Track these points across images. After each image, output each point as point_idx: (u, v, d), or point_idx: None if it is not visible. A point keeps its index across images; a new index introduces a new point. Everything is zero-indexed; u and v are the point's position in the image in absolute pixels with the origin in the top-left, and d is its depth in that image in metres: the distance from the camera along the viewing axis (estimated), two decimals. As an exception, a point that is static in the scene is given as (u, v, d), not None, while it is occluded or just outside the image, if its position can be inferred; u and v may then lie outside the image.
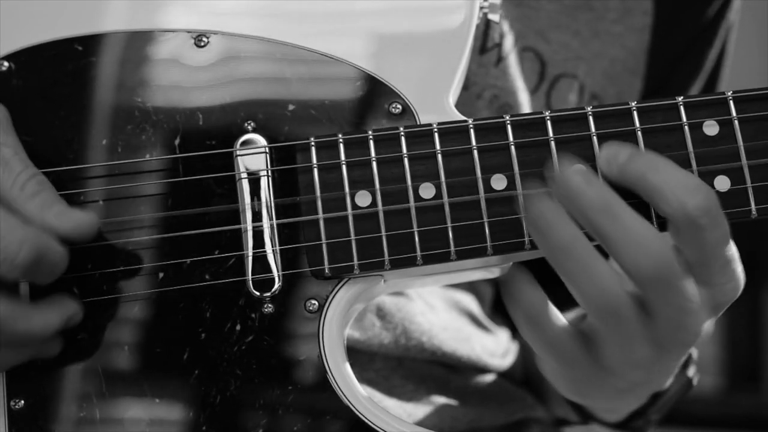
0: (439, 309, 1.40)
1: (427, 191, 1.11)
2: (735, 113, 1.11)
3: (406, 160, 1.12)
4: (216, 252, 1.12)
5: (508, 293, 1.06)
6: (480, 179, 1.11)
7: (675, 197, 1.05)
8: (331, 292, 1.12)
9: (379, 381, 1.35)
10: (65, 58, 1.15)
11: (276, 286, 1.12)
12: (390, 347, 1.34)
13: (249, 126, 1.14)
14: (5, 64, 1.15)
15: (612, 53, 1.45)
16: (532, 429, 1.49)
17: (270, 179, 1.12)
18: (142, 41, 1.16)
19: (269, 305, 1.12)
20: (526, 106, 1.41)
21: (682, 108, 1.12)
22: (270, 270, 1.12)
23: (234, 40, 1.16)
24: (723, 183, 1.11)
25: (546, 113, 1.12)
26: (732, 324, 4.28)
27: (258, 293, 1.12)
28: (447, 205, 1.11)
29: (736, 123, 1.11)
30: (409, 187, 1.11)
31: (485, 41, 1.39)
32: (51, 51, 1.15)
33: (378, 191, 1.11)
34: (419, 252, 1.11)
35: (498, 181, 1.11)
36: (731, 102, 1.12)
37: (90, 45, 1.16)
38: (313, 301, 1.12)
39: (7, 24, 1.16)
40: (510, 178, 1.11)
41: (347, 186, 1.11)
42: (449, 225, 1.11)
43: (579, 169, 1.05)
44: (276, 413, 1.11)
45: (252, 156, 1.13)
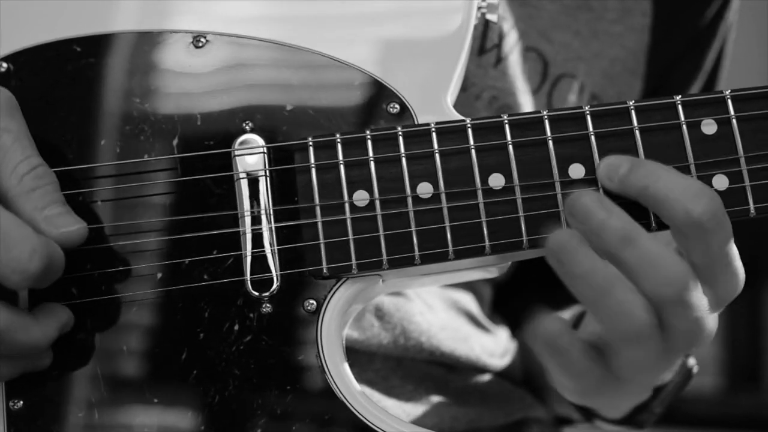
0: (438, 309, 1.40)
1: (425, 191, 1.11)
2: (733, 112, 1.11)
3: (404, 159, 1.12)
4: (214, 252, 1.12)
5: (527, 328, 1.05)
6: (478, 178, 1.11)
7: (680, 205, 1.04)
8: (330, 291, 1.12)
9: (378, 381, 1.35)
10: (64, 59, 1.16)
11: (274, 286, 1.12)
12: (389, 347, 1.34)
13: (247, 126, 1.14)
14: (4, 65, 1.15)
15: (612, 53, 1.45)
16: (531, 429, 1.49)
17: (268, 179, 1.12)
18: (141, 42, 1.16)
19: (268, 305, 1.12)
20: (525, 107, 1.41)
21: (680, 107, 1.12)
22: (268, 270, 1.12)
23: (232, 41, 1.16)
24: (721, 182, 1.11)
25: (544, 113, 1.12)
26: (732, 324, 4.28)
27: (256, 293, 1.12)
28: (445, 205, 1.11)
29: (734, 122, 1.11)
30: (407, 187, 1.11)
31: (484, 42, 1.39)
32: (50, 52, 1.16)
33: (376, 191, 1.11)
34: (417, 251, 1.11)
35: (496, 180, 1.11)
36: (729, 101, 1.12)
37: (89, 46, 1.16)
38: (312, 301, 1.12)
39: (7, 25, 1.16)
40: (508, 177, 1.11)
41: (345, 186, 1.11)
42: (447, 224, 1.11)
43: (596, 198, 1.04)
44: (274, 413, 1.11)
45: (250, 156, 1.13)
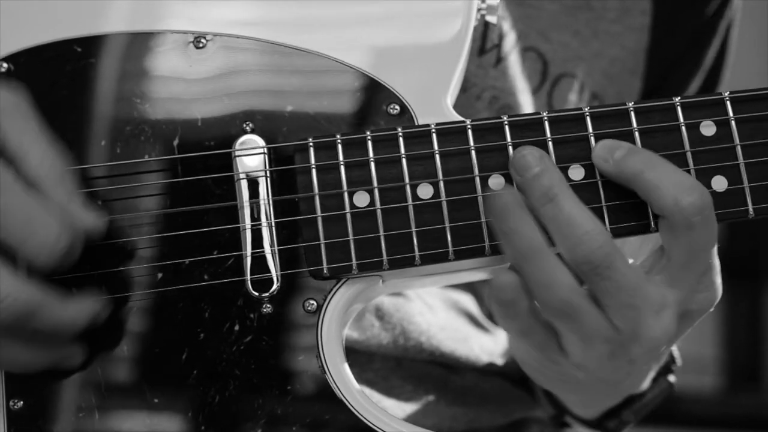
0: (438, 309, 1.41)
1: (425, 191, 1.11)
2: (732, 114, 1.12)
3: (404, 160, 1.12)
4: (215, 252, 1.12)
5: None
6: (478, 179, 1.11)
7: (670, 194, 1.06)
8: (330, 292, 1.12)
9: (378, 381, 1.35)
10: (64, 59, 1.16)
11: (275, 286, 1.12)
12: (389, 347, 1.35)
13: (247, 127, 1.14)
14: (4, 65, 1.15)
15: (611, 53, 1.46)
16: (531, 429, 1.49)
17: (268, 180, 1.12)
18: (141, 42, 1.16)
19: (268, 305, 1.12)
20: (526, 106, 1.41)
21: (679, 108, 1.12)
22: (269, 270, 1.12)
23: (233, 41, 1.16)
24: (720, 183, 1.11)
25: (543, 114, 1.12)
26: (732, 324, 4.28)
27: (257, 293, 1.12)
28: (445, 205, 1.11)
29: (733, 123, 1.11)
30: (407, 188, 1.11)
31: (484, 42, 1.39)
32: (50, 52, 1.16)
33: (376, 191, 1.12)
34: (417, 252, 1.11)
35: (496, 181, 1.11)
36: (728, 102, 1.12)
37: (89, 46, 1.16)
38: (312, 302, 1.12)
39: (7, 25, 1.16)
40: (508, 178, 1.11)
41: (345, 186, 1.12)
42: (447, 225, 1.11)
43: (537, 154, 1.08)
44: (275, 413, 1.11)
45: (250, 157, 1.13)
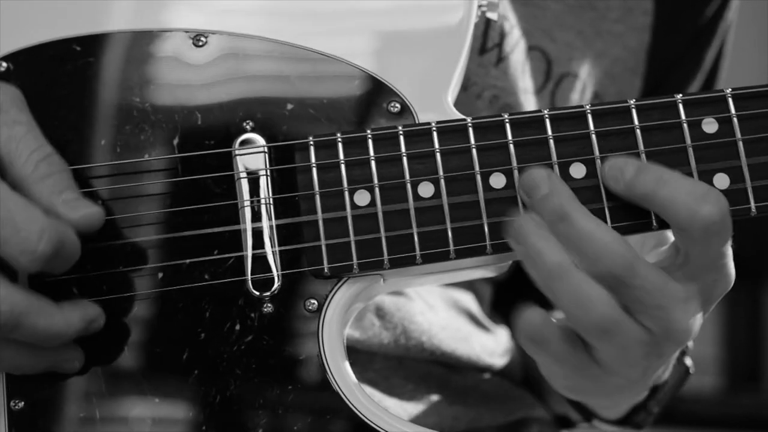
0: (439, 308, 1.40)
1: (426, 190, 1.11)
2: (734, 111, 1.11)
3: (404, 159, 1.12)
4: (215, 252, 1.12)
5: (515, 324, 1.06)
6: (479, 178, 1.11)
7: (686, 208, 1.05)
8: (331, 291, 1.12)
9: (379, 381, 1.35)
10: (64, 58, 1.15)
11: (275, 285, 1.12)
12: (390, 347, 1.34)
13: (248, 125, 1.14)
14: (4, 64, 1.15)
15: (613, 52, 1.46)
16: (531, 428, 1.49)
17: (269, 179, 1.12)
18: (140, 41, 1.16)
19: (269, 305, 1.12)
20: (526, 106, 1.41)
21: (681, 106, 1.12)
22: (269, 270, 1.12)
23: (232, 39, 1.16)
24: (722, 181, 1.11)
25: (544, 111, 1.12)
26: (732, 324, 4.28)
27: (257, 293, 1.12)
28: (446, 204, 1.11)
29: (735, 120, 1.11)
30: (408, 186, 1.11)
31: (485, 41, 1.39)
32: (50, 51, 1.15)
33: (377, 190, 1.11)
34: (418, 251, 1.11)
35: (497, 180, 1.11)
36: (730, 99, 1.12)
37: (89, 45, 1.16)
38: (313, 301, 1.12)
39: (7, 25, 1.16)
40: (509, 176, 1.11)
41: (346, 185, 1.11)
42: (448, 224, 1.11)
43: (545, 174, 1.07)
44: (276, 413, 1.11)
45: (251, 155, 1.13)
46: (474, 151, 1.12)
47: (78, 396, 1.11)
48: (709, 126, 1.11)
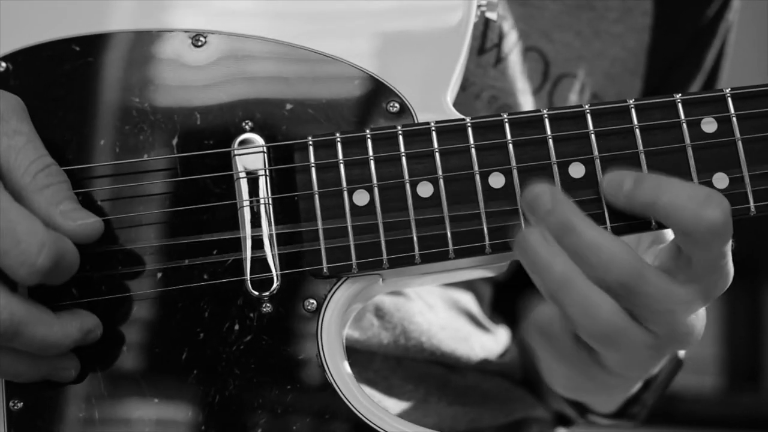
0: (438, 308, 1.40)
1: (425, 190, 1.11)
2: (733, 110, 1.11)
3: (403, 158, 1.12)
4: (214, 252, 1.12)
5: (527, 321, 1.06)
6: (478, 177, 1.11)
7: (690, 213, 1.04)
8: (330, 291, 1.12)
9: (379, 381, 1.35)
10: (63, 58, 1.15)
11: (274, 285, 1.12)
12: (389, 347, 1.34)
13: (247, 125, 1.14)
14: (3, 64, 1.15)
15: (612, 53, 1.46)
16: (531, 428, 1.49)
17: (268, 179, 1.12)
18: (139, 41, 1.16)
19: (268, 305, 1.12)
20: (525, 106, 1.41)
21: (680, 105, 1.12)
22: (268, 269, 1.12)
23: (231, 39, 1.16)
24: (721, 180, 1.11)
25: (544, 111, 1.12)
26: (732, 324, 4.28)
27: (256, 293, 1.12)
28: (445, 204, 1.11)
29: (734, 120, 1.11)
30: (407, 186, 1.11)
31: (484, 42, 1.39)
32: (48, 51, 1.15)
33: (376, 190, 1.11)
34: (417, 251, 1.11)
35: (496, 180, 1.11)
36: (729, 99, 1.12)
37: (87, 45, 1.16)
38: (312, 301, 1.12)
39: (6, 25, 1.16)
40: (508, 176, 1.11)
41: (345, 185, 1.11)
42: (447, 224, 1.11)
43: (546, 189, 1.07)
44: (275, 413, 1.10)
45: (250, 155, 1.13)
46: (473, 151, 1.12)
47: (77, 396, 1.11)
48: (709, 126, 1.11)
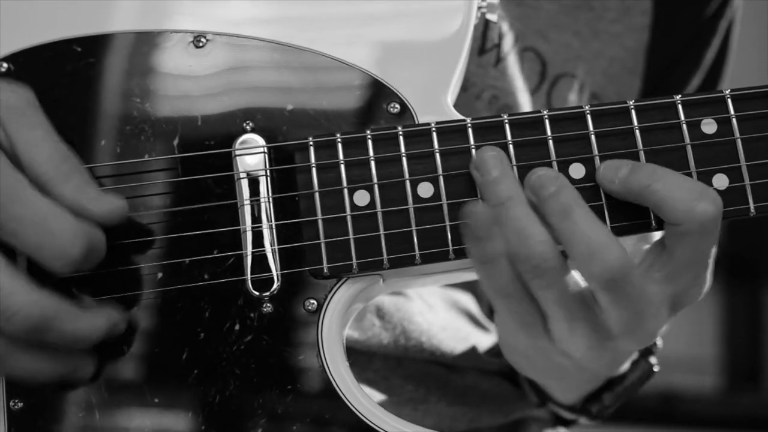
0: (438, 308, 1.41)
1: (426, 190, 1.11)
2: (733, 111, 1.12)
3: (404, 159, 1.12)
4: (215, 252, 1.12)
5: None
6: (478, 178, 1.11)
7: (683, 203, 1.05)
8: (330, 291, 1.12)
9: (379, 381, 1.35)
10: (64, 59, 1.15)
11: (275, 285, 1.12)
12: (389, 347, 1.34)
13: (247, 126, 1.14)
14: (4, 65, 1.15)
15: (611, 53, 1.46)
16: (531, 428, 1.49)
17: (268, 179, 1.12)
18: (141, 42, 1.16)
19: (268, 305, 1.12)
20: (525, 106, 1.41)
21: (680, 106, 1.12)
22: (269, 269, 1.12)
23: (232, 41, 1.16)
24: (721, 181, 1.11)
25: (544, 112, 1.12)
26: (732, 324, 4.28)
27: (257, 293, 1.12)
28: (445, 204, 1.11)
29: (734, 121, 1.11)
30: (408, 186, 1.11)
31: (484, 42, 1.39)
32: (50, 52, 1.15)
33: (376, 190, 1.11)
34: (418, 251, 1.11)
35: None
36: (729, 100, 1.12)
37: (89, 46, 1.16)
38: (312, 301, 1.12)
39: (7, 25, 1.16)
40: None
41: (346, 185, 1.12)
42: (448, 224, 1.11)
43: (551, 174, 1.08)
44: (275, 413, 1.11)
45: (250, 156, 1.13)
46: (473, 152, 1.12)
47: (77, 396, 1.11)
48: (708, 127, 1.12)
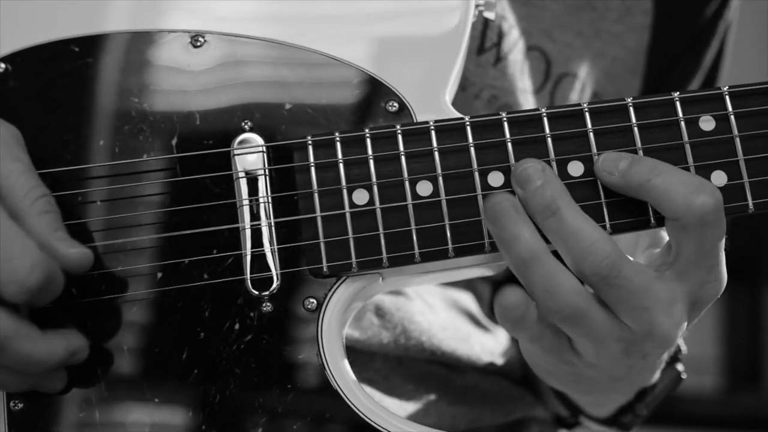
0: (438, 308, 1.40)
1: (425, 188, 1.11)
2: (731, 108, 1.12)
3: (403, 157, 1.12)
4: (214, 251, 1.12)
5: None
6: (477, 176, 1.11)
7: (681, 197, 1.05)
8: (330, 290, 1.12)
9: (379, 380, 1.35)
10: (62, 59, 1.16)
11: (274, 285, 1.12)
12: (389, 347, 1.34)
13: (246, 125, 1.14)
14: (2, 65, 1.15)
15: (613, 52, 1.46)
16: (531, 428, 1.49)
17: (267, 178, 1.12)
18: (138, 42, 1.16)
19: (268, 304, 1.12)
20: (524, 106, 1.41)
21: (678, 103, 1.12)
22: (268, 269, 1.12)
23: (230, 40, 1.16)
24: (720, 178, 1.11)
25: (542, 110, 1.12)
26: (732, 324, 4.28)
27: (257, 292, 1.12)
28: (444, 203, 1.11)
29: (732, 118, 1.11)
30: (407, 185, 1.11)
31: (483, 41, 1.39)
32: (48, 52, 1.16)
33: (375, 189, 1.11)
34: (417, 250, 1.11)
35: (495, 178, 1.11)
36: (727, 97, 1.12)
37: (87, 46, 1.16)
38: (312, 300, 1.12)
39: (5, 25, 1.16)
40: (507, 174, 1.11)
41: (344, 184, 1.12)
42: (447, 222, 1.11)
43: (539, 166, 1.07)
44: (275, 412, 1.11)
45: (249, 155, 1.13)
46: (472, 150, 1.12)
47: (78, 396, 1.11)
48: (707, 124, 1.12)
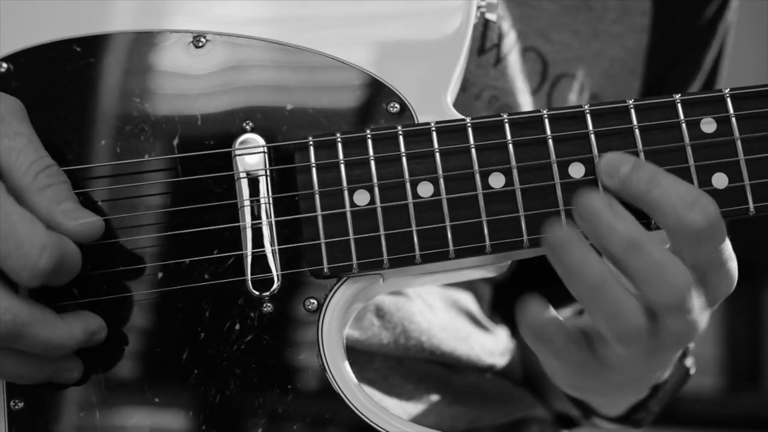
0: (438, 308, 1.41)
1: (426, 190, 1.11)
2: (732, 110, 1.12)
3: (404, 158, 1.12)
4: (215, 252, 1.12)
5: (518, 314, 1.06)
6: (478, 177, 1.11)
7: (673, 213, 1.05)
8: (330, 291, 1.12)
9: (379, 380, 1.35)
10: (64, 59, 1.16)
11: (275, 285, 1.12)
12: (389, 347, 1.34)
13: (247, 126, 1.14)
14: (4, 65, 1.15)
15: (611, 53, 1.46)
16: (531, 428, 1.49)
17: (268, 179, 1.12)
18: (140, 42, 1.16)
19: (268, 304, 1.12)
20: (525, 106, 1.41)
21: (679, 106, 1.12)
22: (269, 269, 1.12)
23: (232, 40, 1.16)
24: (721, 180, 1.11)
25: (544, 111, 1.12)
26: (732, 324, 4.28)
27: (257, 292, 1.12)
28: (445, 204, 1.11)
29: (733, 120, 1.11)
30: (408, 186, 1.11)
31: (483, 42, 1.39)
32: (50, 52, 1.16)
33: (376, 190, 1.12)
34: (418, 251, 1.11)
35: (496, 179, 1.11)
36: (729, 99, 1.12)
37: (89, 46, 1.16)
38: (313, 301, 1.12)
39: (7, 25, 1.16)
40: (508, 176, 1.11)
41: (345, 185, 1.12)
42: (448, 223, 1.11)
43: (606, 200, 1.05)
44: (275, 412, 1.11)
45: (250, 156, 1.13)
46: (473, 151, 1.12)
47: (78, 396, 1.11)
48: (708, 126, 1.12)
